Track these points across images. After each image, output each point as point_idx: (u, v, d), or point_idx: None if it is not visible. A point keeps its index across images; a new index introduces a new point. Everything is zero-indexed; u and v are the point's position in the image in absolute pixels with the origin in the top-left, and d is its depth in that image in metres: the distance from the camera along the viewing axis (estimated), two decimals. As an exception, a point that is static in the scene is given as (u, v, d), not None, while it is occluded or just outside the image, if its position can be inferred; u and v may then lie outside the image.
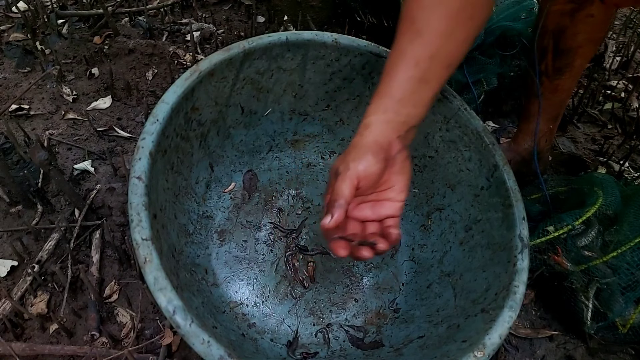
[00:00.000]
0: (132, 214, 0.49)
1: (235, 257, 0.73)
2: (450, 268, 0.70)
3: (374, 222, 0.55)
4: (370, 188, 0.53)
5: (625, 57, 1.37)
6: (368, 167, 0.50)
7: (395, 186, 0.54)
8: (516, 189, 0.64)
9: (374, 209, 0.55)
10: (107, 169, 0.94)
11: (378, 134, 0.52)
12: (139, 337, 0.71)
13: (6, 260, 0.78)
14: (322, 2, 1.32)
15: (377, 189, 0.55)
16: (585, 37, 0.76)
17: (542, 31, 0.79)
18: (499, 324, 0.53)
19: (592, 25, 0.74)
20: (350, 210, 0.54)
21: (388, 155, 0.52)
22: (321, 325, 0.69)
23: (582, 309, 0.73)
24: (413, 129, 0.55)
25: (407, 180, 0.55)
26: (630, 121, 1.17)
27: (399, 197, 0.54)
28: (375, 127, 0.52)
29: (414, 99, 0.53)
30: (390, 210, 0.54)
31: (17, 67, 1.15)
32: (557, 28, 0.77)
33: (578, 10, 0.73)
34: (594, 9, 0.72)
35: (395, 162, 0.53)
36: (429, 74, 0.53)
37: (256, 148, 0.81)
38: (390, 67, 0.54)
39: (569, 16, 0.74)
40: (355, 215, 0.55)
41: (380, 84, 0.55)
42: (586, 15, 0.73)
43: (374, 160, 0.51)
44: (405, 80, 0.53)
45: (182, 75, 0.62)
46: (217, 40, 1.28)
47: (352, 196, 0.51)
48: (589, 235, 0.74)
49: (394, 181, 0.54)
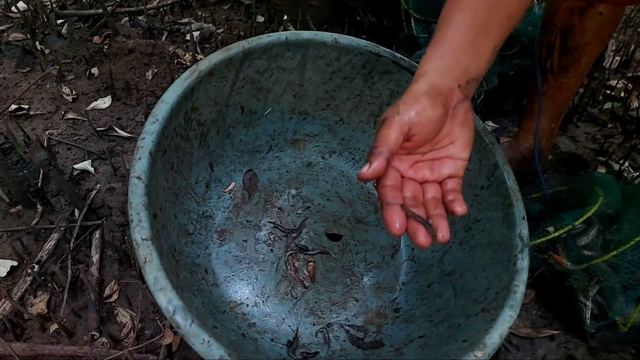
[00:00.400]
0: (132, 214, 0.49)
1: (235, 257, 0.73)
2: (451, 267, 0.70)
3: (434, 185, 0.47)
4: (427, 143, 0.46)
5: (626, 56, 1.37)
6: (422, 111, 0.43)
7: (458, 141, 0.47)
8: (516, 189, 0.64)
9: (432, 167, 0.47)
10: (107, 168, 0.94)
11: (436, 79, 0.46)
12: (139, 337, 0.71)
13: (6, 260, 0.77)
14: (322, 1, 1.32)
15: (435, 146, 0.48)
16: (593, 35, 0.76)
17: (549, 28, 0.79)
18: (499, 323, 0.53)
19: (600, 23, 0.74)
20: (405, 170, 0.47)
21: (447, 103, 0.46)
22: (321, 325, 0.69)
23: (582, 309, 0.73)
24: (474, 81, 0.48)
25: (471, 134, 0.48)
26: (631, 120, 1.17)
27: (462, 154, 0.47)
28: (432, 74, 0.46)
29: (473, 49, 0.47)
30: (452, 169, 0.47)
31: (16, 67, 1.15)
32: (566, 25, 0.77)
33: (587, 7, 0.73)
34: (603, 7, 0.72)
35: (457, 112, 0.47)
36: (489, 23, 0.47)
37: (256, 148, 0.81)
38: (446, 16, 0.49)
39: (578, 13, 0.74)
40: (410, 176, 0.47)
41: (437, 32, 0.49)
42: (595, 13, 0.73)
43: (430, 104, 0.44)
44: (465, 29, 0.47)
45: (182, 75, 0.62)
46: (217, 40, 1.28)
47: (398, 145, 0.44)
48: (589, 234, 0.74)
49: (456, 135, 0.47)
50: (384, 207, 0.43)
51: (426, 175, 0.47)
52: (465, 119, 0.47)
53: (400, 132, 0.43)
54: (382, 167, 0.42)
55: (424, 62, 0.48)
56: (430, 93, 0.44)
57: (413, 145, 0.45)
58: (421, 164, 0.48)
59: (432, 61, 0.47)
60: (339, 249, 0.76)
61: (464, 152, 0.47)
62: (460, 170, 0.47)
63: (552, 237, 0.74)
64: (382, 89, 0.77)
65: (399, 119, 0.43)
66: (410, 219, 0.42)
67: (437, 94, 0.45)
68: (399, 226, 0.41)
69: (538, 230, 0.76)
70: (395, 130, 0.43)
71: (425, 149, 0.47)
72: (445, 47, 0.47)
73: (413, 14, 1.10)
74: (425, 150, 0.47)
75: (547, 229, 0.75)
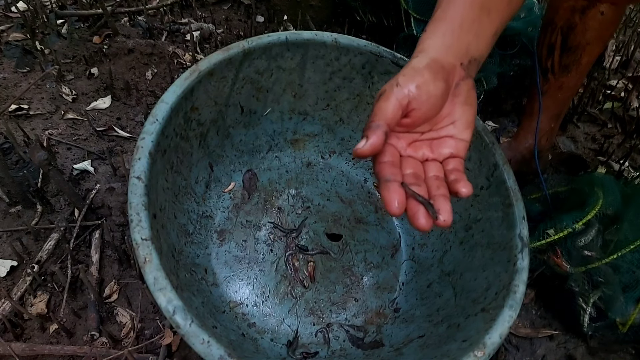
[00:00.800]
0: (131, 214, 0.49)
1: (235, 257, 0.73)
2: (451, 267, 0.70)
3: (436, 163, 0.44)
4: (427, 122, 0.44)
5: (625, 56, 1.37)
6: (423, 84, 0.41)
7: (459, 121, 0.44)
8: (516, 189, 0.64)
9: (432, 147, 0.44)
10: (106, 168, 0.94)
11: (438, 55, 0.43)
12: (138, 337, 0.71)
13: (6, 260, 0.77)
14: (322, 1, 1.32)
15: (435, 126, 0.45)
16: (595, 34, 0.76)
17: (550, 27, 0.79)
18: (499, 323, 0.53)
19: (601, 23, 0.74)
20: (403, 148, 0.44)
21: (449, 79, 0.43)
22: (321, 325, 0.69)
23: (580, 313, 0.73)
24: (475, 62, 0.46)
25: (473, 114, 0.45)
26: (630, 120, 1.17)
27: (464, 135, 0.44)
28: (433, 50, 0.44)
29: (475, 27, 0.45)
30: (453, 148, 0.44)
31: (16, 67, 1.15)
32: (567, 24, 0.77)
33: (589, 7, 0.73)
34: (604, 7, 0.72)
35: (459, 90, 0.44)
36: (490, 3, 0.46)
37: (256, 148, 0.81)
38: None
39: (579, 13, 0.74)
40: (409, 154, 0.44)
41: (437, 9, 0.47)
42: (597, 12, 0.73)
43: (431, 78, 0.41)
44: (467, 5, 0.45)
45: (182, 75, 0.62)
46: (217, 40, 1.28)
47: (397, 119, 0.41)
48: (589, 234, 0.74)
49: (457, 114, 0.44)
50: (381, 185, 0.40)
51: (426, 154, 0.44)
52: (467, 97, 0.45)
53: (399, 105, 0.40)
54: (380, 141, 0.39)
55: (424, 39, 0.45)
56: (432, 67, 0.42)
57: (412, 123, 0.43)
58: (419, 143, 0.45)
59: (432, 38, 0.45)
60: (338, 249, 0.76)
61: (465, 133, 0.45)
62: (461, 150, 0.44)
63: (552, 240, 0.74)
64: (382, 89, 0.77)
65: (398, 91, 0.40)
66: (410, 198, 0.39)
67: (439, 69, 0.42)
68: (398, 205, 0.38)
69: (537, 231, 0.76)
70: (394, 103, 0.40)
71: (424, 129, 0.45)
72: (446, 24, 0.45)
73: (413, 14, 1.10)
74: (424, 129, 0.45)
75: (547, 231, 0.75)
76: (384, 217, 0.81)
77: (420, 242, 0.77)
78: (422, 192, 0.41)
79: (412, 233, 0.79)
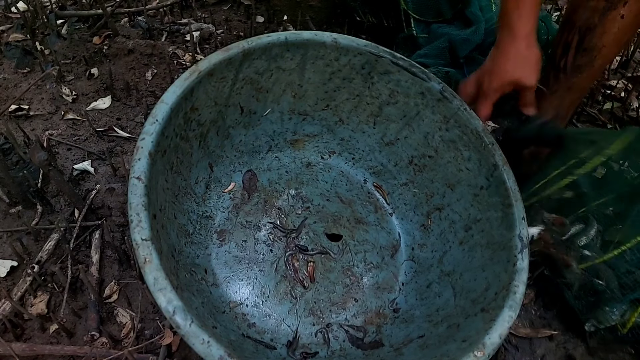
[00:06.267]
0: (131, 214, 0.49)
1: (235, 257, 0.73)
2: (450, 268, 0.70)
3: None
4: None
5: (625, 56, 1.37)
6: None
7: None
8: (516, 189, 0.64)
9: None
10: (106, 169, 0.94)
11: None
12: (139, 337, 0.71)
13: (6, 260, 0.78)
14: (322, 2, 1.32)
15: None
16: (612, 37, 0.76)
17: (568, 26, 0.79)
18: (498, 323, 0.53)
19: (621, 27, 0.74)
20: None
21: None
22: (321, 325, 0.69)
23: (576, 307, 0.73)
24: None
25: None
26: (630, 121, 1.17)
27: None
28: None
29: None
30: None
31: (16, 68, 1.15)
32: (585, 25, 0.77)
33: (610, 9, 0.73)
34: (625, 10, 0.72)
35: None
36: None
37: (256, 148, 0.81)
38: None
39: (599, 14, 0.74)
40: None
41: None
42: (617, 15, 0.73)
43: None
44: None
45: (182, 76, 0.62)
46: (217, 41, 1.28)
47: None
48: (588, 234, 0.74)
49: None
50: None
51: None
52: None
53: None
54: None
55: (525, 21, 0.71)
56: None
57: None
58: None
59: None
60: (338, 249, 0.77)
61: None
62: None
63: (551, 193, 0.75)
64: (382, 89, 0.77)
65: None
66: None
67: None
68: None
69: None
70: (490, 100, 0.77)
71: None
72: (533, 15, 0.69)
73: (413, 15, 1.10)
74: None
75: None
76: (384, 217, 0.81)
77: (420, 242, 0.77)
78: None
79: (412, 233, 0.79)
